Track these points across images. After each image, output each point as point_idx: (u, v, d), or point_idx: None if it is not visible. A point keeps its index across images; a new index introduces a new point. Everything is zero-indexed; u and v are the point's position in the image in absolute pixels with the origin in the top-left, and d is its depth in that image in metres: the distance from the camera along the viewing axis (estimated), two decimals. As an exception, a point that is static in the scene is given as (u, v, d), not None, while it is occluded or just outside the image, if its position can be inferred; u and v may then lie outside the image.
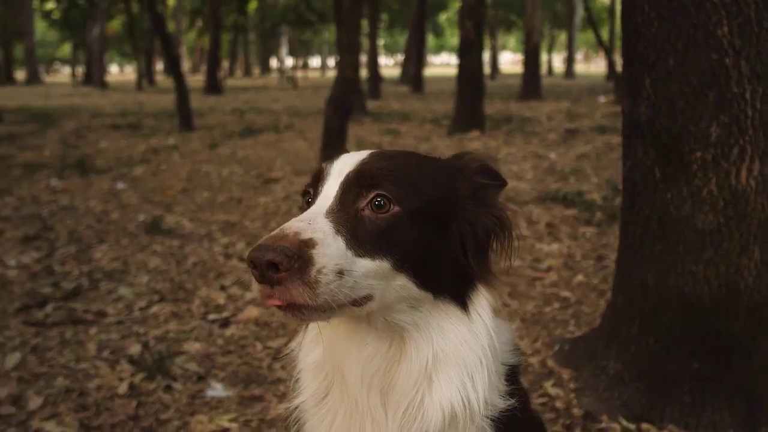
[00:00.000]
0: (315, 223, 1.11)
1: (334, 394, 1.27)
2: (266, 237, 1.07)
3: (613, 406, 2.68)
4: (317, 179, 1.25)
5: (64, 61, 69.86)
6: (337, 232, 1.12)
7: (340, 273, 1.08)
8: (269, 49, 57.55)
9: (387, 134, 12.00)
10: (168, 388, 3.01)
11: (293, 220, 1.12)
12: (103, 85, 34.71)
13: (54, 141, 11.60)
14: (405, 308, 1.19)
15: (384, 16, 41.45)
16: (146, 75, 36.96)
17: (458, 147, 10.17)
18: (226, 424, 2.71)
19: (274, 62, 61.59)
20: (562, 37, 51.16)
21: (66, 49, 59.14)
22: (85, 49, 40.44)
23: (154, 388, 3.01)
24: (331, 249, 1.08)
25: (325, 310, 1.09)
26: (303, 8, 28.21)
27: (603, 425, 2.64)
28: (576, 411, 2.76)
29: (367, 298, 1.13)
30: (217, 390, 3.00)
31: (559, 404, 2.82)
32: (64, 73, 69.19)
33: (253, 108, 18.75)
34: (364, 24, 26.80)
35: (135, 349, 3.39)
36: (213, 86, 25.93)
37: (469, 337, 1.20)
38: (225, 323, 3.73)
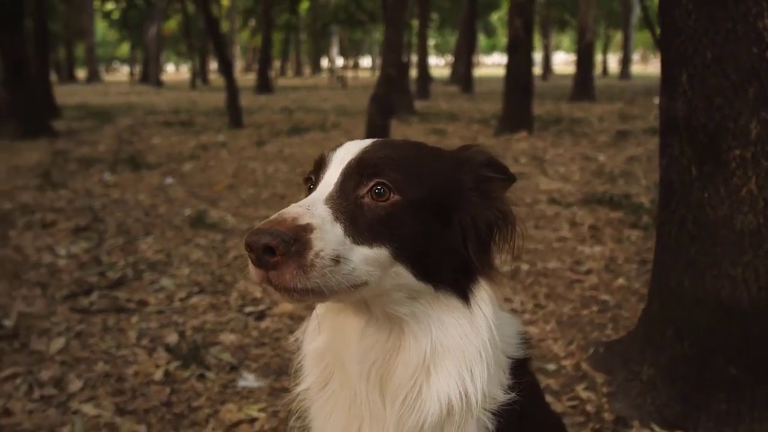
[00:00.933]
0: (314, 208, 1.11)
1: (334, 382, 1.28)
2: (264, 221, 1.08)
3: (645, 412, 2.61)
4: (319, 166, 1.25)
5: (122, 60, 72.38)
6: (336, 218, 1.12)
7: (337, 259, 1.07)
8: (320, 48, 58.20)
9: (433, 134, 11.97)
10: (201, 377, 3.08)
11: (292, 205, 1.12)
12: (159, 83, 35.76)
13: (109, 137, 12.01)
14: (404, 299, 1.18)
15: (434, 16, 41.29)
16: (200, 74, 37.88)
17: (505, 147, 10.06)
18: (254, 414, 2.76)
19: (325, 62, 62.22)
20: (618, 36, 49.93)
21: (124, 48, 61.18)
22: (143, 48, 41.77)
23: (188, 376, 3.08)
24: (328, 235, 1.08)
25: (317, 294, 1.09)
26: (353, 8, 28.38)
27: (634, 431, 2.57)
28: (607, 415, 2.70)
29: (364, 284, 1.13)
30: (248, 380, 3.05)
31: (589, 408, 2.76)
32: (122, 72, 71.63)
33: (301, 107, 18.99)
34: (415, 24, 26.82)
35: (172, 338, 3.49)
36: (264, 85, 26.37)
37: (469, 330, 1.19)
38: (260, 316, 3.79)
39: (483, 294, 1.21)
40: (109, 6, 33.13)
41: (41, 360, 3.26)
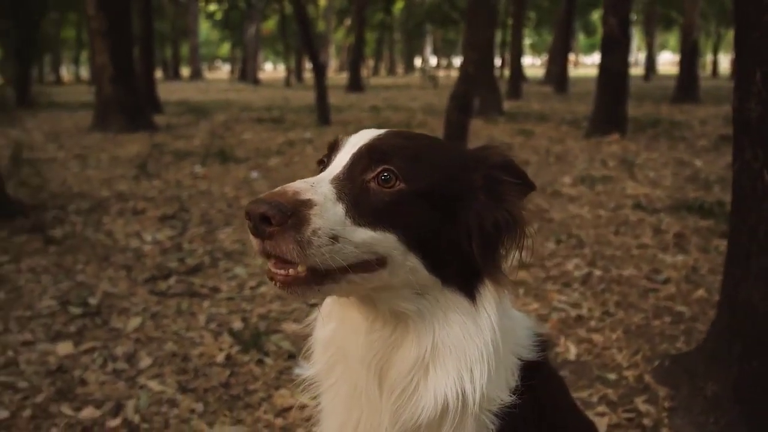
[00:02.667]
0: (318, 186, 1.13)
1: (337, 371, 1.30)
2: (267, 192, 1.10)
3: (707, 431, 2.46)
4: (332, 149, 1.28)
5: (224, 59, 75.72)
6: (339, 198, 1.13)
7: (335, 238, 1.08)
8: (414, 48, 58.40)
9: (519, 134, 11.74)
10: (260, 362, 3.19)
11: (298, 181, 1.15)
12: (256, 81, 37.13)
13: (204, 131, 12.60)
14: (411, 295, 1.18)
15: (531, 14, 40.39)
16: (296, 72, 38.97)
17: (594, 150, 9.73)
18: (305, 401, 2.82)
19: (418, 61, 62.35)
20: (730, 35, 46.84)
21: (225, 47, 63.85)
22: (242, 47, 43.47)
23: (247, 360, 3.20)
24: (329, 213, 1.09)
25: (318, 283, 1.10)
26: (447, 7, 28.29)
27: (693, 449, 2.43)
28: (665, 431, 2.57)
29: (380, 264, 1.14)
30: (304, 368, 3.12)
31: (647, 421, 2.64)
32: (223, 70, 74.89)
33: (390, 105, 19.14)
34: (509, 22, 26.36)
35: (238, 324, 3.63)
36: (355, 84, 26.76)
37: (472, 329, 1.17)
38: (324, 308, 3.86)
39: (488, 295, 1.20)
40: (212, 7, 34.77)
41: (118, 336, 3.48)
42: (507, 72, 22.61)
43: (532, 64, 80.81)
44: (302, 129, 12.95)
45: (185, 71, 52.51)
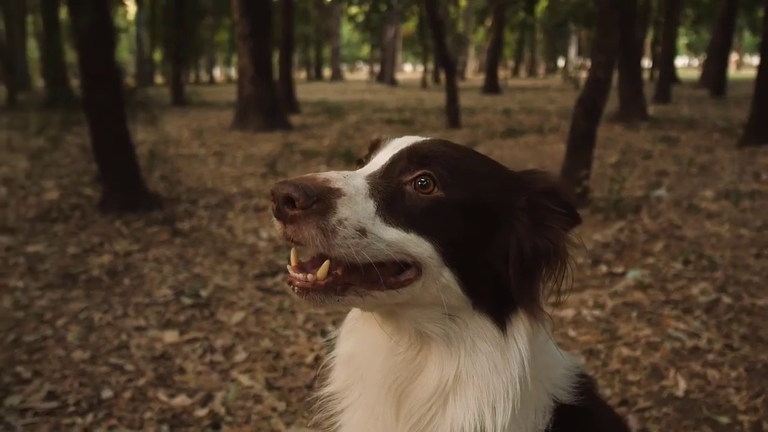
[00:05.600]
0: (351, 179, 1.09)
1: (355, 391, 1.25)
2: (296, 176, 1.08)
3: (832, 498, 2.12)
4: (373, 148, 1.25)
5: (364, 60, 77.91)
6: (371, 194, 1.08)
7: (362, 232, 1.03)
8: (557, 48, 56.53)
9: (661, 142, 10.94)
10: (347, 367, 3.20)
11: (332, 171, 1.11)
12: (393, 82, 37.74)
13: (336, 132, 12.99)
14: (439, 316, 1.11)
15: (687, 11, 37.52)
16: (433, 74, 39.16)
17: (747, 162, 8.82)
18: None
19: (562, 62, 60.25)
20: None
21: (366, 49, 65.56)
22: (381, 49, 44.42)
23: (335, 364, 3.22)
24: (358, 206, 1.05)
25: (338, 293, 1.06)
26: (592, 5, 27.01)
27: None
28: (779, 491, 2.25)
29: (415, 276, 1.08)
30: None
31: (758, 477, 2.32)
32: (364, 71, 76.98)
33: (525, 108, 18.64)
34: (662, 20, 24.66)
35: (332, 326, 3.67)
36: (491, 85, 26.37)
37: (500, 361, 1.09)
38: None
39: (520, 326, 1.11)
40: (354, 10, 35.82)
41: (220, 329, 3.66)
42: (656, 74, 21.18)
43: (689, 65, 75.23)
44: (430, 131, 12.96)
45: (327, 72, 54.58)
